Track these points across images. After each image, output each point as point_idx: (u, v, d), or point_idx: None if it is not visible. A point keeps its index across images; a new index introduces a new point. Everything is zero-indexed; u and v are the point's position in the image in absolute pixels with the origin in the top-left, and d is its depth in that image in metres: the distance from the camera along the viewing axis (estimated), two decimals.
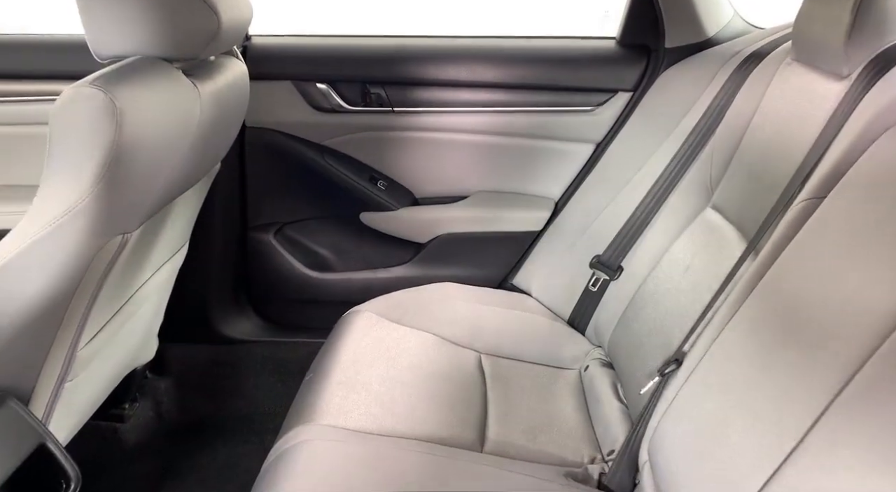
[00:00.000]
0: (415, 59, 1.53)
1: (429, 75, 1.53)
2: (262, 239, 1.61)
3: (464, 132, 1.58)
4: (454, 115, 1.56)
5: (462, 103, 1.55)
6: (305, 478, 0.95)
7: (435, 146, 1.58)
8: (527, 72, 1.55)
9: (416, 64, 1.53)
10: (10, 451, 0.93)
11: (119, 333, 1.20)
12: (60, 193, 0.91)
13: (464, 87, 1.55)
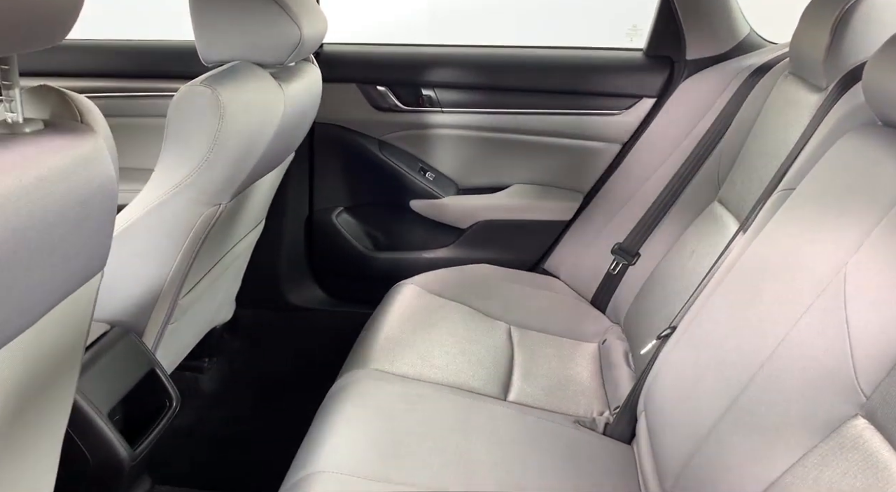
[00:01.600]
0: (462, 65, 1.74)
1: (474, 80, 1.74)
2: (325, 220, 1.84)
3: (504, 131, 1.78)
4: (496, 115, 1.76)
5: (503, 105, 1.75)
6: (357, 408, 1.17)
7: (478, 143, 1.79)
8: (561, 78, 1.74)
9: (463, 70, 1.74)
10: (128, 373, 1.18)
11: (208, 291, 1.45)
12: (174, 170, 1.16)
13: (506, 91, 1.75)
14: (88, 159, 0.66)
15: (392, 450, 1.07)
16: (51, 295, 0.67)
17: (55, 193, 0.60)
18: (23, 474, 0.87)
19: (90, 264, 0.74)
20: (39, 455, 0.90)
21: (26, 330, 0.67)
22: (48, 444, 0.90)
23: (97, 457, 1.06)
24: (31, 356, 0.73)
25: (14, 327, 0.63)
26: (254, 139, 1.18)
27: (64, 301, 0.73)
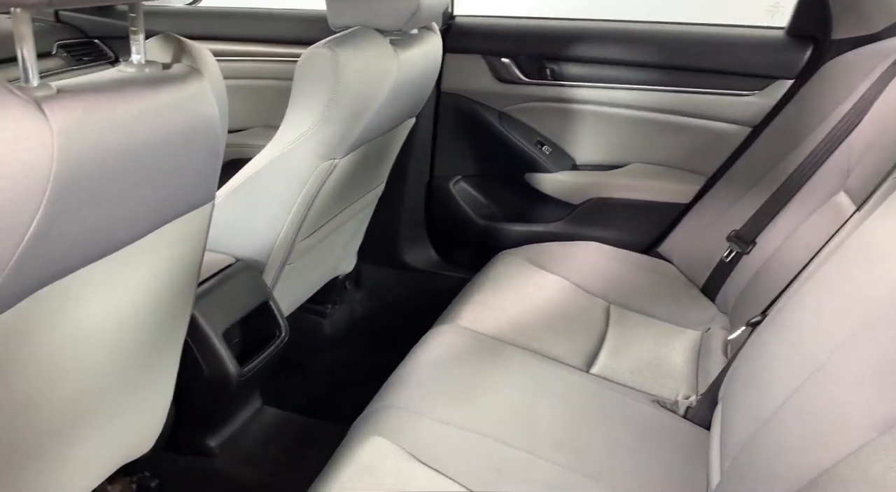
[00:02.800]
0: (587, 39, 1.73)
1: (598, 54, 1.72)
2: (443, 187, 1.92)
3: (626, 107, 1.75)
4: (618, 91, 1.73)
5: (626, 81, 1.72)
6: (438, 358, 1.24)
7: (598, 118, 1.77)
8: (693, 55, 1.67)
9: (587, 44, 1.73)
10: (246, 300, 1.34)
11: (325, 240, 1.59)
12: (296, 125, 1.29)
13: (629, 66, 1.71)
14: (194, 99, 0.78)
15: (460, 397, 1.13)
16: (159, 210, 0.80)
17: (161, 124, 0.73)
18: (151, 372, 1.04)
19: (195, 193, 0.87)
20: (166, 357, 1.07)
21: (143, 237, 0.80)
22: (171, 348, 1.07)
23: (211, 369, 1.23)
24: (155, 267, 0.87)
25: (129, 232, 0.77)
26: (367, 100, 1.28)
27: (176, 221, 0.86)
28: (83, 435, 0.94)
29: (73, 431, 0.91)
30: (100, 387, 0.91)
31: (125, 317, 0.87)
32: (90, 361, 0.85)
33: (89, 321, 0.80)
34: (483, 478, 0.97)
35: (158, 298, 0.94)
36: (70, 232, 0.66)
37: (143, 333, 0.96)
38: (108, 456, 1.04)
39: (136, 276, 0.85)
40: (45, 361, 0.77)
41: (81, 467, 0.98)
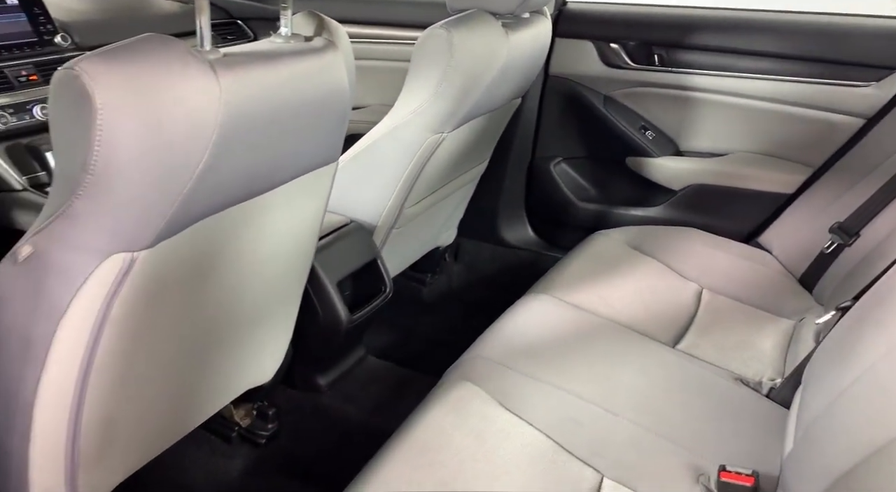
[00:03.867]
0: (699, 27, 1.74)
1: (709, 42, 1.73)
2: (544, 168, 1.99)
3: (735, 95, 1.74)
4: (727, 79, 1.73)
5: (736, 69, 1.71)
6: (527, 321, 1.33)
7: (705, 105, 1.78)
8: (806, 44, 1.64)
9: (699, 32, 1.73)
10: (358, 257, 1.48)
11: (429, 210, 1.71)
12: (410, 100, 1.41)
13: (740, 54, 1.71)
14: (330, 68, 0.90)
15: (546, 357, 1.21)
16: (294, 164, 0.94)
17: (302, 87, 0.86)
18: (278, 308, 1.19)
19: (324, 153, 1.00)
20: (290, 297, 1.22)
21: (279, 187, 0.94)
22: (295, 290, 1.22)
23: (325, 314, 1.38)
24: (287, 215, 1.02)
25: (270, 179, 0.91)
26: (477, 78, 1.37)
27: (306, 175, 1.00)
28: (226, 354, 1.11)
29: (219, 350, 1.08)
30: (240, 313, 1.07)
31: (264, 255, 1.02)
32: (237, 288, 1.01)
33: (237, 252, 0.95)
34: (562, 427, 1.05)
35: (289, 243, 1.09)
36: (227, 172, 0.80)
37: (277, 272, 1.11)
38: (240, 379, 1.21)
39: (272, 220, 1.00)
40: (199, 286, 0.92)
41: (223, 382, 1.15)
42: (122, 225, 0.74)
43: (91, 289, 0.76)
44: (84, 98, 0.66)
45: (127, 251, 0.76)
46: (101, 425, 0.87)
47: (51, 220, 0.74)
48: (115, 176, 0.70)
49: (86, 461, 0.89)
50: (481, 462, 0.96)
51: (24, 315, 0.77)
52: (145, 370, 0.90)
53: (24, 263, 0.75)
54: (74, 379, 0.80)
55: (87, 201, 0.71)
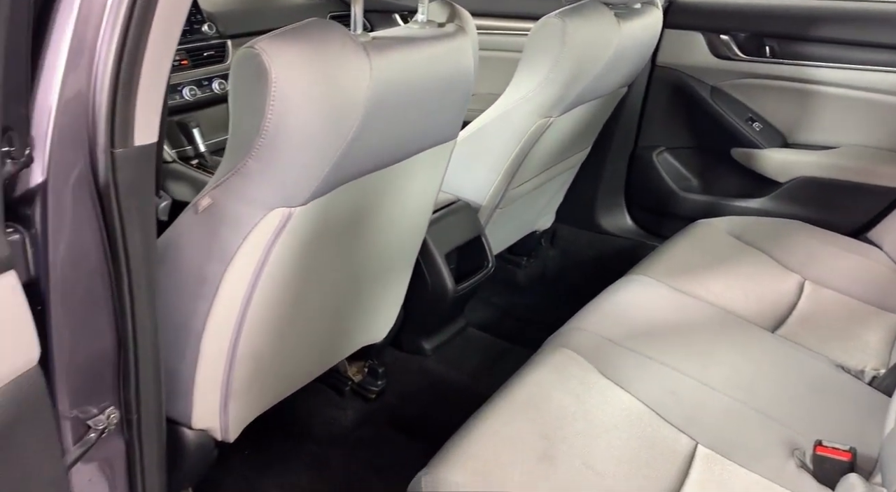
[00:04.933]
0: (809, 17, 1.72)
1: (820, 33, 1.71)
2: (646, 157, 2.02)
3: (847, 87, 1.71)
4: (840, 71, 1.70)
5: (849, 61, 1.68)
6: (625, 299, 1.39)
7: (814, 98, 1.76)
8: None
9: (809, 22, 1.71)
10: (464, 233, 1.58)
11: (531, 193, 1.78)
12: (521, 86, 1.49)
13: (852, 45, 1.68)
14: (459, 52, 1.00)
15: (643, 331, 1.27)
16: (421, 138, 1.04)
17: (435, 68, 0.96)
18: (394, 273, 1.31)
19: (447, 130, 1.10)
20: (405, 264, 1.34)
21: (406, 159, 1.05)
22: (409, 258, 1.34)
23: (434, 282, 1.49)
24: (410, 187, 1.13)
25: (401, 151, 1.01)
26: (587, 65, 1.44)
27: (429, 150, 1.10)
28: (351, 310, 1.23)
29: (346, 305, 1.20)
30: (365, 274, 1.19)
31: (389, 222, 1.14)
32: (365, 251, 1.13)
33: (369, 217, 1.07)
34: (658, 396, 1.10)
35: (409, 213, 1.20)
36: (370, 141, 0.91)
37: (397, 239, 1.23)
38: (359, 335, 1.33)
39: (398, 190, 1.11)
40: (337, 244, 1.05)
41: (347, 335, 1.28)
42: (284, 183, 0.86)
43: (255, 238, 0.89)
44: (262, 73, 0.79)
45: (286, 207, 0.88)
46: (251, 359, 1.01)
47: (227, 176, 0.87)
48: (282, 140, 0.82)
49: (236, 391, 1.03)
50: (580, 421, 1.04)
51: (199, 257, 0.91)
52: (289, 314, 1.03)
53: (203, 214, 0.89)
54: (236, 314, 0.94)
55: (258, 161, 0.84)
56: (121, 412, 0.80)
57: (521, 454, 0.96)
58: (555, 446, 0.98)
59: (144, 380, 0.80)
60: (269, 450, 1.38)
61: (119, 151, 0.67)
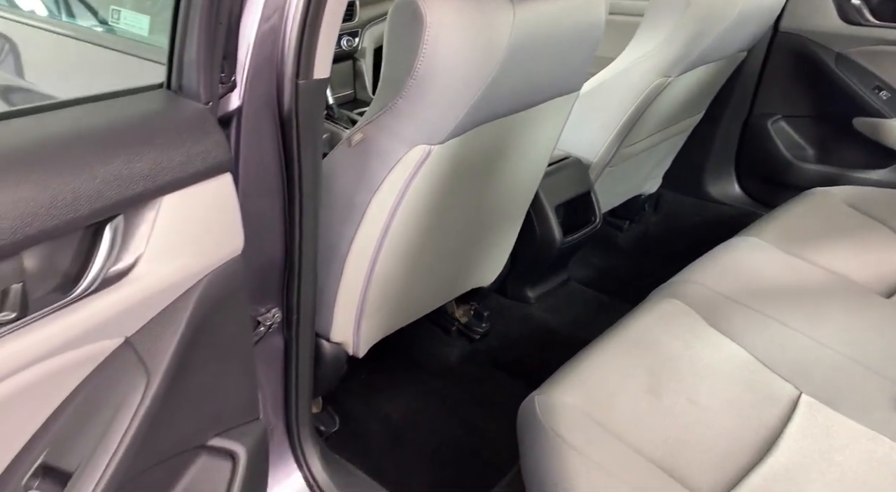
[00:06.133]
0: None
1: None
2: (760, 125, 1.99)
3: None
4: None
5: None
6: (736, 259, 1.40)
7: None
8: None
9: None
10: (574, 187, 1.63)
11: (641, 155, 1.81)
12: (642, 45, 1.52)
13: None
14: (592, 6, 1.05)
15: (751, 287, 1.29)
16: (548, 87, 1.10)
17: (570, 21, 1.01)
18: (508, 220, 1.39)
19: (573, 81, 1.16)
20: (517, 213, 1.41)
21: (533, 107, 1.12)
22: (521, 207, 1.41)
23: (542, 233, 1.56)
24: (532, 136, 1.19)
25: (529, 98, 1.08)
26: (710, 25, 1.45)
27: (554, 100, 1.17)
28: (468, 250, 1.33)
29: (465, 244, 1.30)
30: (483, 217, 1.28)
31: (510, 168, 1.22)
32: (487, 193, 1.22)
33: (494, 161, 1.15)
34: (764, 347, 1.14)
35: (528, 161, 1.27)
36: (505, 86, 0.99)
37: (514, 185, 1.30)
38: (471, 276, 1.43)
39: (522, 138, 1.18)
40: (465, 184, 1.13)
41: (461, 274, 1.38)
42: (428, 121, 0.95)
43: (399, 171, 0.99)
44: (417, 18, 0.87)
45: (427, 144, 0.97)
46: (384, 282, 1.12)
47: (379, 114, 0.97)
48: (430, 80, 0.91)
49: (369, 310, 1.15)
50: (686, 363, 1.09)
51: (350, 186, 1.02)
52: (418, 245, 1.13)
53: (355, 147, 1.00)
54: (376, 240, 1.05)
55: (407, 100, 0.93)
56: (283, 314, 0.93)
57: (629, 386, 1.02)
58: (661, 382, 1.04)
59: (304, 288, 0.92)
60: (383, 376, 1.51)
61: (302, 82, 0.78)
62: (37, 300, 0.52)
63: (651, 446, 0.93)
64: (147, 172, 0.57)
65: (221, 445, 0.77)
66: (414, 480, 1.21)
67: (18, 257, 0.49)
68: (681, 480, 0.89)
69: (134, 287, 0.58)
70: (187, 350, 0.65)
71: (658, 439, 0.94)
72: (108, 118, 0.58)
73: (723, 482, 0.90)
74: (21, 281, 0.49)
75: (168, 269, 0.61)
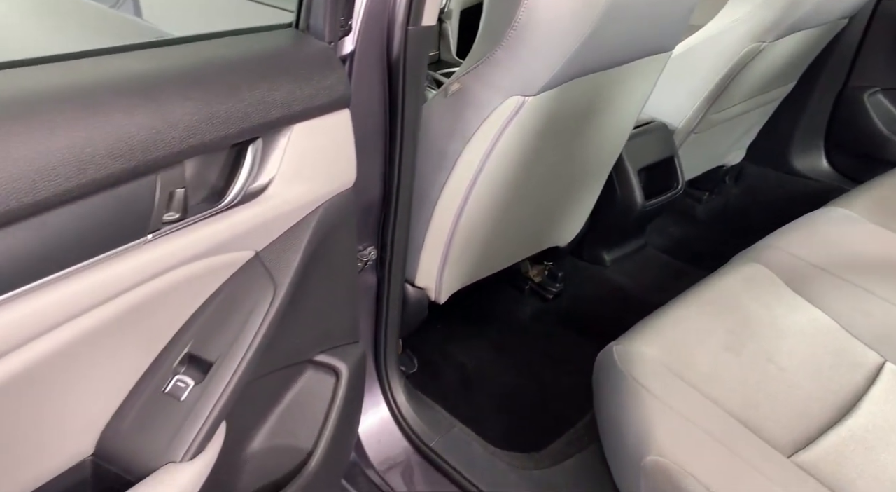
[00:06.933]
0: None
1: None
2: (856, 97, 1.92)
3: None
4: None
5: None
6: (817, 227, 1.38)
7: None
8: None
9: None
10: (657, 152, 1.63)
11: (727, 123, 1.78)
12: (738, 7, 1.49)
13: None
14: None
15: (837, 256, 1.27)
16: (641, 44, 1.11)
17: None
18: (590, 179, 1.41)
19: (667, 39, 1.16)
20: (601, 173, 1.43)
21: (625, 64, 1.13)
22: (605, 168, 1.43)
23: (624, 196, 1.57)
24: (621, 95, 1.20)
25: (620, 54, 1.09)
26: None
27: (647, 58, 1.17)
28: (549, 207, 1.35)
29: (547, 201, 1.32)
30: (567, 175, 1.30)
31: (597, 127, 1.23)
32: (572, 151, 1.24)
33: (583, 118, 1.17)
34: (849, 314, 1.13)
35: (615, 121, 1.28)
36: (602, 40, 1.00)
37: (600, 145, 1.31)
38: (550, 233, 1.46)
39: (612, 95, 1.19)
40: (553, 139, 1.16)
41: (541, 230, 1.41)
42: (524, 72, 0.98)
43: (492, 121, 1.02)
44: None
45: (521, 95, 1.00)
46: (469, 231, 1.17)
47: (477, 64, 1.00)
48: (530, 31, 0.93)
49: (452, 257, 1.19)
50: (766, 325, 1.10)
51: (443, 135, 1.06)
52: (504, 196, 1.17)
53: (452, 97, 1.03)
54: (465, 188, 1.09)
55: (506, 50, 0.96)
56: (378, 252, 0.99)
57: (708, 342, 1.04)
58: (740, 341, 1.05)
59: (399, 229, 0.97)
60: (458, 327, 1.57)
61: (412, 28, 0.82)
62: (192, 207, 0.59)
63: (728, 399, 0.95)
64: (283, 100, 0.62)
65: (327, 361, 0.84)
66: (485, 424, 1.26)
67: (182, 166, 0.56)
68: (757, 431, 0.91)
69: (267, 205, 0.64)
70: (305, 270, 0.72)
71: (736, 393, 0.96)
72: (253, 50, 0.63)
73: (800, 437, 0.91)
74: (184, 187, 0.56)
75: (294, 192, 0.67)
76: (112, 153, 0.48)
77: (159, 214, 0.55)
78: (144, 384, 0.63)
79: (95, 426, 0.61)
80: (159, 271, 0.57)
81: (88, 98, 0.49)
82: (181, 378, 0.64)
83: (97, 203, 0.50)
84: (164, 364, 0.64)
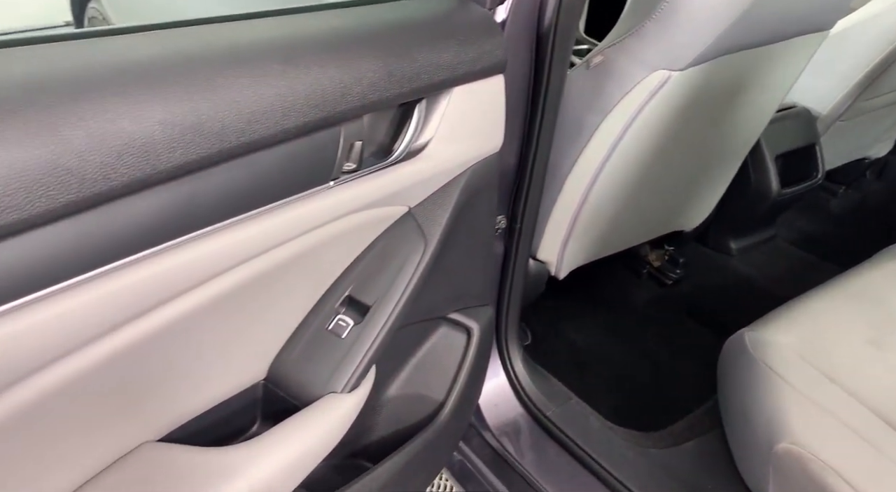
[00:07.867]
0: None
1: None
2: None
3: None
4: None
5: None
6: None
7: None
8: None
9: None
10: (798, 138, 1.55)
11: (875, 113, 1.66)
12: None
13: None
14: None
15: None
16: (798, 22, 1.05)
17: None
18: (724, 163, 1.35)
19: (825, 17, 1.09)
20: (735, 158, 1.38)
21: (776, 43, 1.08)
22: (741, 153, 1.37)
23: (758, 182, 1.51)
24: (770, 74, 1.15)
25: (777, 32, 1.05)
26: None
27: (802, 38, 1.11)
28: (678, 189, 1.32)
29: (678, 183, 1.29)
30: (701, 157, 1.26)
31: (739, 108, 1.19)
32: (711, 133, 1.20)
33: (726, 98, 1.13)
34: None
35: (759, 103, 1.23)
36: (759, 14, 0.96)
37: (739, 128, 1.27)
38: (675, 217, 1.42)
39: (758, 76, 1.14)
40: (695, 118, 1.13)
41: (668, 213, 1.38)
42: (673, 46, 0.96)
43: (634, 95, 1.01)
44: None
45: (667, 69, 0.98)
46: (596, 207, 1.16)
47: (623, 37, 0.99)
48: (686, 4, 0.91)
49: (577, 232, 1.20)
50: None
51: (581, 107, 1.06)
52: (636, 174, 1.16)
53: (594, 69, 1.03)
54: (598, 163, 1.09)
55: (657, 23, 0.94)
56: (508, 221, 1.00)
57: (848, 335, 0.99)
58: (885, 336, 1.00)
59: (531, 199, 0.99)
60: (572, 306, 1.57)
61: None
62: (365, 160, 0.63)
63: (869, 394, 0.91)
64: (448, 63, 0.65)
65: (460, 319, 0.88)
66: (599, 400, 1.26)
67: (361, 120, 0.60)
68: None
69: (425, 163, 0.68)
70: (451, 229, 0.75)
71: (877, 388, 0.91)
72: (421, 14, 0.66)
73: None
74: (361, 140, 0.60)
75: (449, 152, 0.70)
76: (309, 102, 0.52)
77: (341, 163, 0.59)
78: (310, 321, 0.68)
79: (268, 355, 0.68)
80: (333, 217, 0.61)
81: (289, 52, 0.53)
82: (342, 318, 0.69)
83: (294, 149, 0.54)
84: (327, 304, 0.69)
